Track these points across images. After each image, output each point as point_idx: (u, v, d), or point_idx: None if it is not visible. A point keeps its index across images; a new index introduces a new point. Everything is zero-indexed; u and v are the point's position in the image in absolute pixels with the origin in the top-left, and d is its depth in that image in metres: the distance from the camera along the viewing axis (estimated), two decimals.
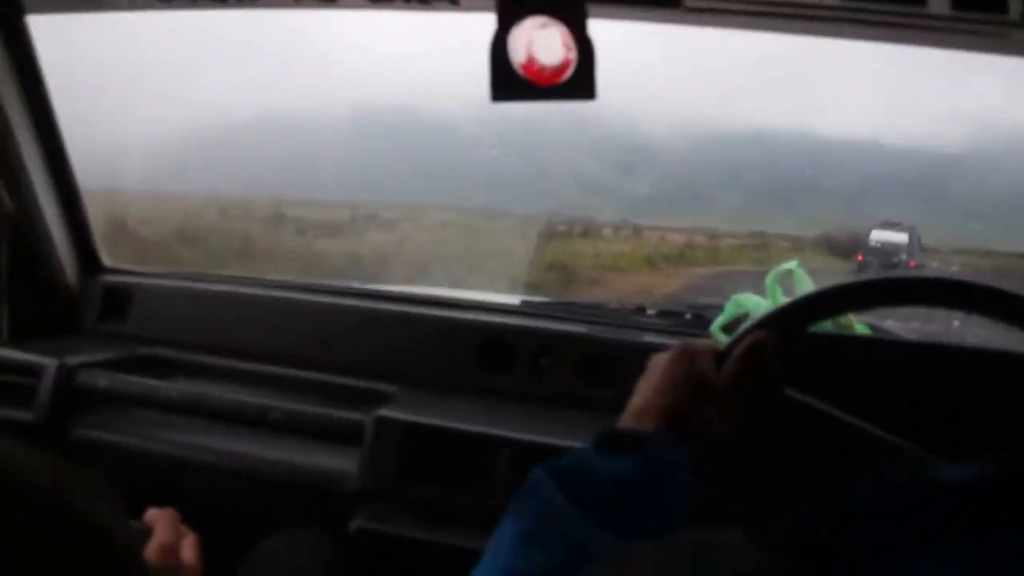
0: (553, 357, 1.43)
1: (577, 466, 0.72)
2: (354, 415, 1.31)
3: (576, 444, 1.20)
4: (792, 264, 1.41)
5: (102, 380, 1.40)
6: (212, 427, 1.36)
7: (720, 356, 0.87)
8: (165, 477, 1.36)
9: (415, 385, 1.43)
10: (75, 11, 1.35)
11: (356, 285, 1.68)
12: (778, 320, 0.91)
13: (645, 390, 0.83)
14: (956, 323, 1.72)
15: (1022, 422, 1.06)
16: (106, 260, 1.68)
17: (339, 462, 1.29)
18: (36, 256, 1.57)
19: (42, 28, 1.42)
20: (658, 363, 0.86)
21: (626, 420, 0.81)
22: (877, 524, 0.35)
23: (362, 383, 1.46)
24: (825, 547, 0.35)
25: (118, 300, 1.62)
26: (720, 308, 1.47)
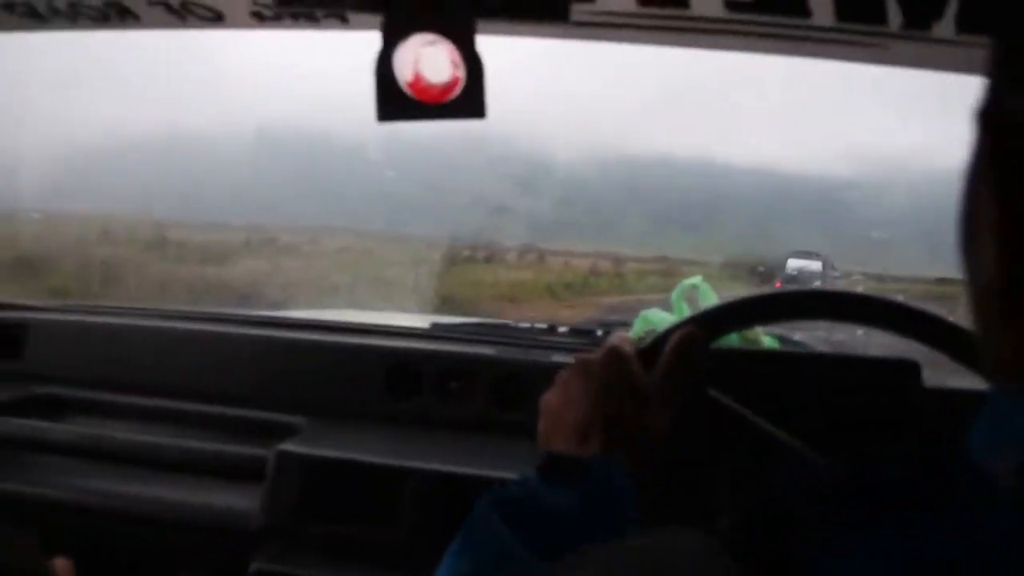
0: (463, 381, 1.40)
1: (522, 499, 0.70)
2: (257, 450, 1.26)
3: (486, 472, 1.18)
4: (696, 279, 1.42)
5: None
6: (108, 470, 1.29)
7: (644, 353, 0.86)
8: (60, 524, 1.28)
9: (322, 415, 1.38)
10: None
11: (260, 313, 1.63)
12: (737, 310, 0.92)
13: (580, 400, 0.80)
14: (860, 332, 1.75)
15: (913, 426, 1.08)
16: None
17: (241, 500, 1.23)
18: None
19: None
20: (585, 368, 0.83)
21: (567, 437, 0.79)
22: (809, 516, 0.36)
23: (268, 415, 1.41)
24: (764, 541, 0.36)
25: (8, 336, 1.53)
26: (629, 325, 1.47)
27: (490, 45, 1.00)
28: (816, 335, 1.61)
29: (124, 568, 1.16)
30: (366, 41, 1.22)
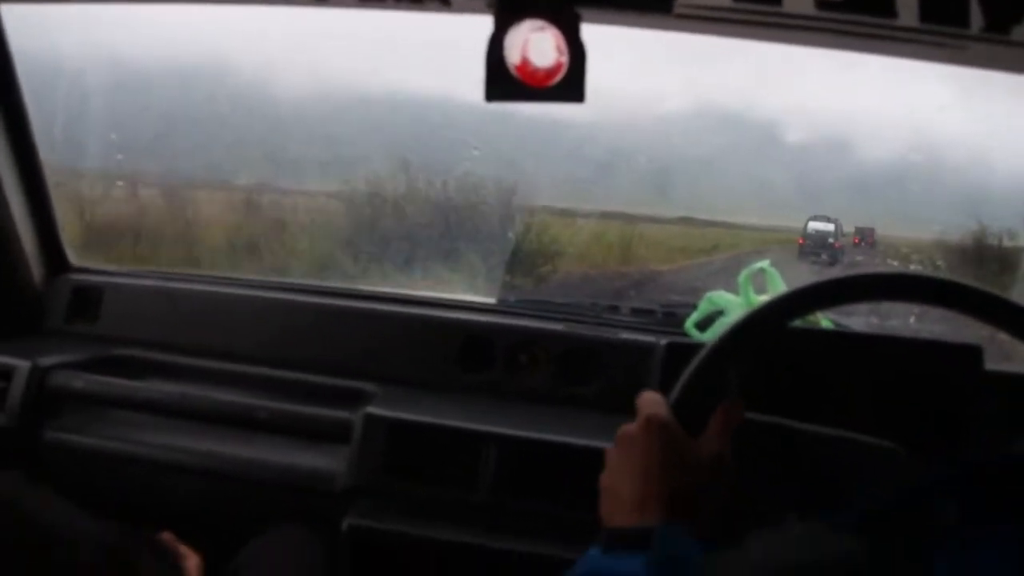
0: (531, 354, 1.49)
1: (591, 572, 0.74)
2: (341, 413, 1.35)
3: (560, 439, 1.28)
4: (765, 263, 1.50)
5: (77, 382, 1.41)
6: (194, 428, 1.38)
7: (679, 408, 0.88)
8: (147, 481, 1.37)
9: (395, 384, 1.47)
10: (48, 2, 1.37)
11: (329, 284, 1.72)
12: (760, 320, 0.96)
13: (631, 476, 0.81)
14: (912, 319, 1.85)
15: (976, 408, 1.16)
16: (73, 258, 1.68)
17: (326, 461, 1.33)
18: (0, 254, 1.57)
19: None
20: (629, 442, 0.84)
21: (625, 514, 0.80)
22: (930, 509, 0.39)
23: (341, 382, 1.50)
24: (891, 534, 0.40)
25: (87, 300, 1.62)
26: (691, 306, 1.56)
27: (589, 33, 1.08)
28: (869, 320, 1.70)
29: (213, 525, 1.24)
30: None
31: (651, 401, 0.87)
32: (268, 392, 1.47)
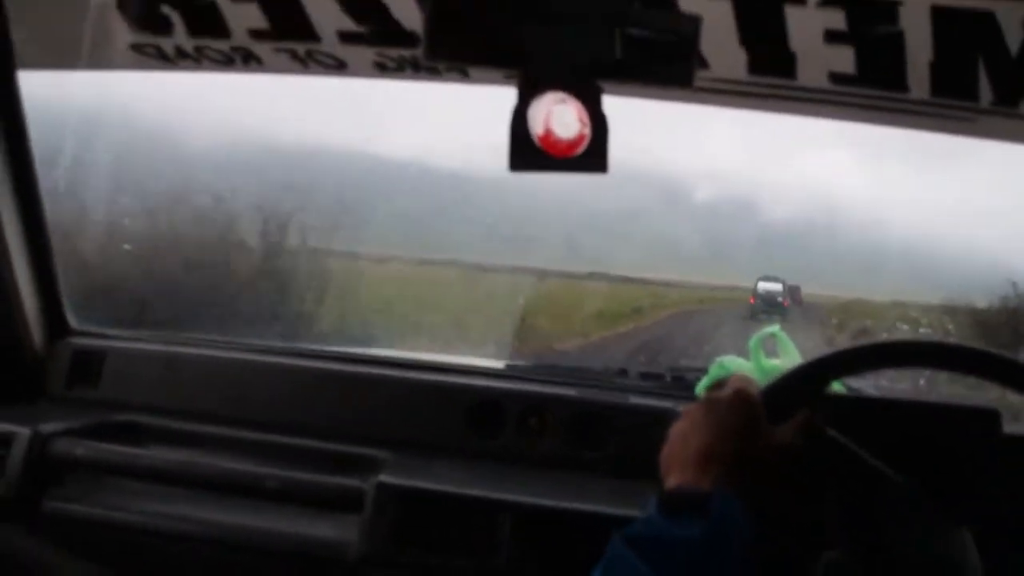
0: (541, 418, 1.49)
1: (651, 535, 0.78)
2: (352, 482, 1.33)
3: (574, 505, 1.26)
4: (775, 328, 1.52)
5: (79, 449, 1.38)
6: (200, 497, 1.35)
7: (768, 395, 0.95)
8: (153, 552, 1.34)
9: (405, 450, 1.45)
10: (70, 69, 1.38)
11: (336, 348, 1.71)
12: (803, 380, 1.00)
13: (704, 432, 0.88)
14: (922, 381, 1.87)
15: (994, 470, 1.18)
16: (74, 322, 1.66)
17: (337, 530, 1.30)
18: (1, 318, 1.55)
19: None
20: (714, 403, 0.91)
21: (686, 465, 0.85)
22: None
23: (350, 448, 1.48)
24: None
25: (88, 364, 1.60)
26: (700, 370, 1.57)
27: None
28: (879, 383, 1.71)
29: None
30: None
31: (743, 379, 0.95)
32: (275, 459, 1.45)
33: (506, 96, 1.09)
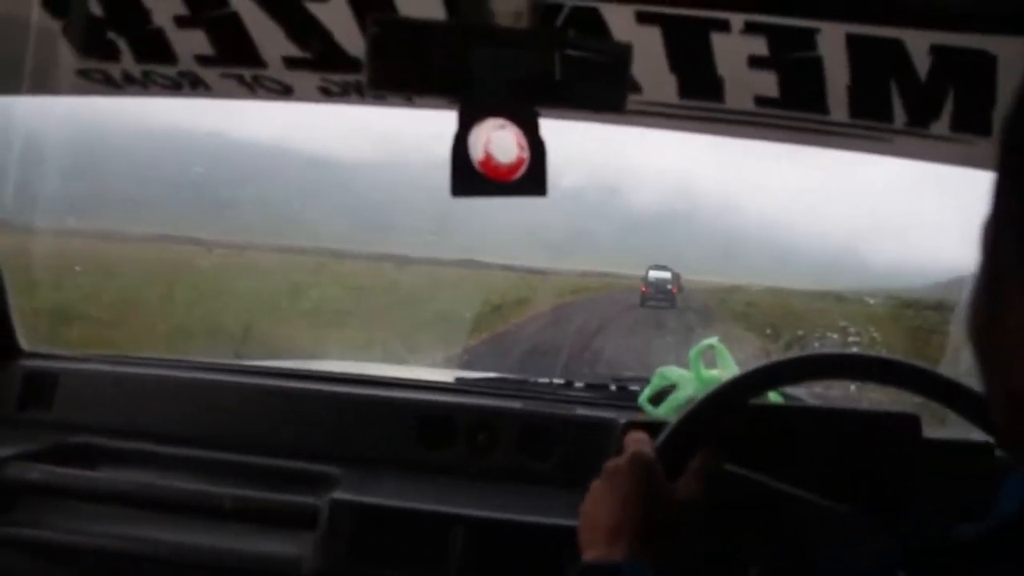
0: (491, 432, 1.53)
1: None
2: (307, 499, 1.36)
3: (524, 517, 1.31)
4: (714, 340, 1.59)
5: (33, 473, 1.39)
6: (156, 518, 1.37)
7: (663, 452, 0.96)
8: (110, 574, 1.35)
9: (357, 465, 1.48)
10: (14, 94, 1.39)
11: (287, 365, 1.74)
12: (725, 396, 1.05)
13: (610, 506, 0.89)
14: (853, 388, 1.96)
15: (914, 474, 1.25)
16: (24, 344, 1.66)
17: (290, 547, 1.33)
18: None
19: None
20: (613, 473, 0.91)
21: (599, 541, 0.87)
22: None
23: (302, 465, 1.50)
24: None
25: (40, 386, 1.61)
26: (643, 380, 1.63)
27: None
28: (813, 391, 1.79)
29: None
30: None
31: (637, 440, 0.95)
32: (228, 477, 1.47)
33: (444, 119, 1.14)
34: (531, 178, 1.14)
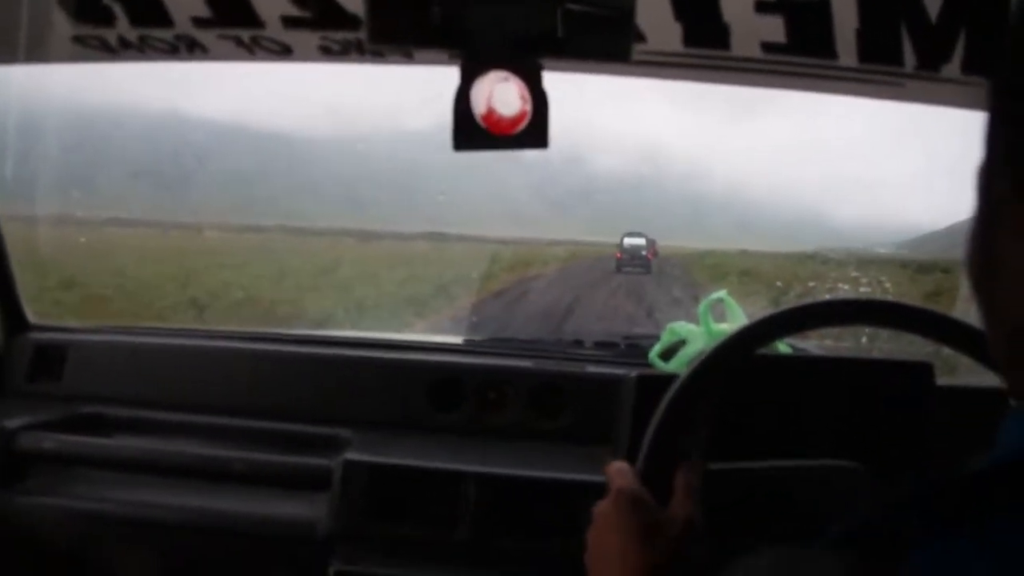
0: (500, 391, 1.54)
1: None
2: (319, 461, 1.36)
3: (534, 472, 1.31)
4: (723, 293, 1.58)
5: (47, 442, 1.40)
6: (169, 484, 1.39)
7: (646, 477, 0.91)
8: (125, 540, 1.37)
9: (368, 428, 1.49)
10: (9, 63, 1.38)
11: (295, 331, 1.74)
12: (729, 350, 1.02)
13: (612, 557, 0.84)
14: (864, 338, 1.95)
15: (929, 422, 1.24)
16: (31, 316, 1.67)
17: (304, 508, 1.34)
18: None
19: None
20: (604, 522, 0.86)
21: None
22: (909, 522, 0.42)
23: (314, 429, 1.51)
24: (876, 540, 0.43)
25: (50, 358, 1.61)
26: (653, 337, 1.62)
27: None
28: (823, 343, 1.79)
29: None
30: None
31: (619, 473, 0.89)
32: (241, 443, 1.48)
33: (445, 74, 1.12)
34: (533, 131, 1.12)
